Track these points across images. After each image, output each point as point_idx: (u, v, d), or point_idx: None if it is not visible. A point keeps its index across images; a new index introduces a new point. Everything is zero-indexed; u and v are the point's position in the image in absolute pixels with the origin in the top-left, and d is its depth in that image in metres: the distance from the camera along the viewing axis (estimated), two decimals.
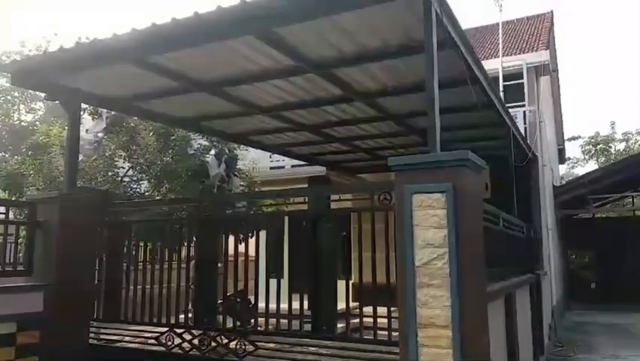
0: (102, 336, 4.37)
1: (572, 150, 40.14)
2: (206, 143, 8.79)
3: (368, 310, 3.53)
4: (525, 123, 10.11)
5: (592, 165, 29.82)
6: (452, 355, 2.74)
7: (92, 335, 4.39)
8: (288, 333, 3.76)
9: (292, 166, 11.61)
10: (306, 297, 4.12)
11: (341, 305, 5.41)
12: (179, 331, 3.98)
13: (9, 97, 31.96)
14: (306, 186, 10.25)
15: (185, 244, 5.01)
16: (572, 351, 8.83)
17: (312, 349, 3.68)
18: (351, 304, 3.95)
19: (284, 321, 3.94)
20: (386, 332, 3.39)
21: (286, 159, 10.66)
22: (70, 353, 4.13)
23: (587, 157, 31.01)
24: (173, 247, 4.76)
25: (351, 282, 4.80)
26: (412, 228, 2.92)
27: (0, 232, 4.12)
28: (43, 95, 5.02)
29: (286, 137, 7.40)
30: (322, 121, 6.37)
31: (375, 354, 3.27)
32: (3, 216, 4.59)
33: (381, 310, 3.48)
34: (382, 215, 3.56)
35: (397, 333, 2.96)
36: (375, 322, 3.48)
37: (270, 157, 11.29)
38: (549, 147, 12.68)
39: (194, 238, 4.97)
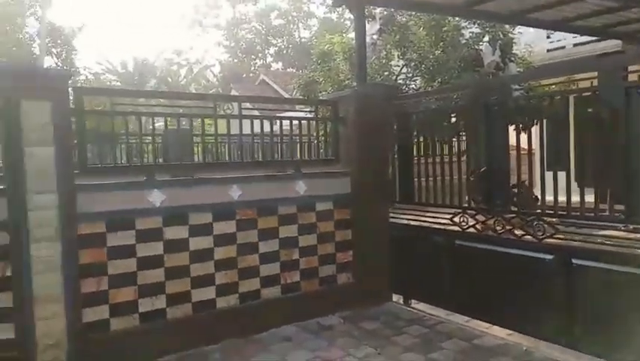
0: (399, 215, 4.87)
1: None
2: (478, 30, 8.39)
3: None
4: None
5: None
6: None
7: (390, 214, 4.93)
8: (594, 217, 3.48)
9: (574, 45, 10.15)
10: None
11: None
12: (472, 212, 4.14)
13: (289, 17, 36.02)
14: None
15: (463, 135, 5.04)
16: None
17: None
18: None
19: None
20: None
21: (567, 36, 9.34)
22: (375, 229, 4.80)
23: None
24: (451, 137, 4.87)
25: None
26: None
27: (304, 128, 4.86)
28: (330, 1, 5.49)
29: (570, 8, 6.42)
30: None
31: None
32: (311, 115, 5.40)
33: None
34: None
35: None
36: None
37: (548, 37, 10.07)
38: None
39: (471, 129, 4.93)
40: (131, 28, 63.60)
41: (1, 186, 3.32)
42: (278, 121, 5.08)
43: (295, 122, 4.73)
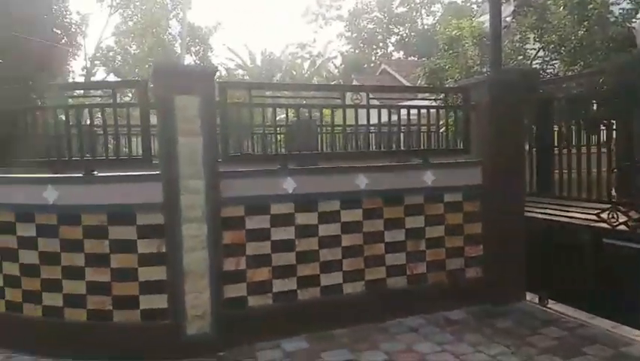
0: (536, 209, 4.56)
1: None
2: (630, 6, 7.47)
3: None
4: None
5: None
6: None
7: (525, 207, 4.63)
8: None
9: None
10: None
11: None
12: (623, 209, 3.74)
13: (412, 4, 35.25)
14: None
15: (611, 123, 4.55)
16: None
17: None
18: None
19: None
20: None
21: None
22: (508, 222, 4.54)
23: None
24: (598, 125, 4.41)
25: None
26: None
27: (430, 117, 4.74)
28: None
29: None
30: None
31: None
32: (434, 103, 5.27)
33: None
34: None
35: None
36: None
37: None
38: None
39: (622, 116, 4.42)
40: (259, 25, 67.08)
41: (157, 172, 3.73)
42: (400, 110, 5.01)
43: (421, 110, 4.64)
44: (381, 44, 36.96)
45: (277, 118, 4.69)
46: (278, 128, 5.13)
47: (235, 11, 65.22)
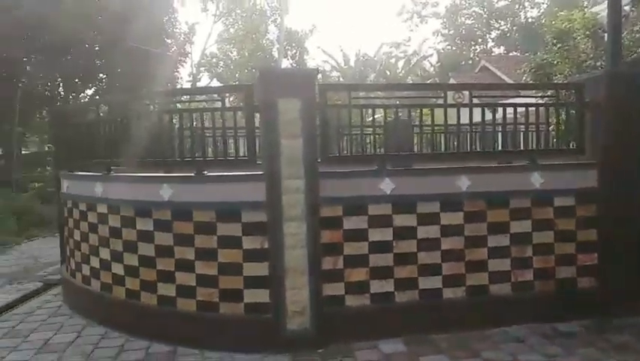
0: None
1: None
2: None
3: None
4: None
5: None
6: None
7: None
8: None
9: None
10: None
11: None
12: None
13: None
14: None
15: None
16: None
17: None
18: None
19: None
20: None
21: None
22: (628, 230, 4.16)
23: None
24: None
25: None
26: None
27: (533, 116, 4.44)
28: None
29: None
30: None
31: None
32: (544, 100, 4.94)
33: None
34: None
35: None
36: None
37: None
38: None
39: None
40: (353, 26, 67.49)
41: (261, 172, 3.89)
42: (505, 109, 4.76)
43: (524, 109, 4.37)
44: (480, 40, 35.56)
45: (373, 118, 4.68)
46: (375, 129, 5.11)
47: (330, 13, 66.17)
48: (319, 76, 28.56)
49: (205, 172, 4.03)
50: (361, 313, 3.94)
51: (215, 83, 31.44)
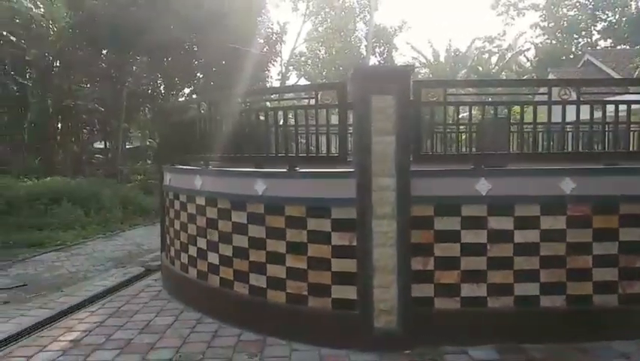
0: None
1: None
2: None
3: None
4: None
5: None
6: None
7: None
8: None
9: None
10: None
11: None
12: None
13: None
14: None
15: None
16: None
17: None
18: None
19: None
20: None
21: None
22: None
23: None
24: None
25: None
26: None
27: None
28: None
29: None
30: None
31: None
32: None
33: None
34: None
35: None
36: None
37: None
38: None
39: None
40: (445, 21, 65.64)
41: (351, 169, 3.89)
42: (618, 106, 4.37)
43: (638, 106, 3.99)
44: (583, 33, 33.06)
45: (466, 116, 4.50)
46: (470, 127, 4.92)
47: (420, 8, 64.84)
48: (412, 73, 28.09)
49: (297, 168, 4.11)
50: (451, 316, 3.82)
51: (303, 82, 32.02)
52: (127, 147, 22.13)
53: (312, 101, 4.24)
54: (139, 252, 7.85)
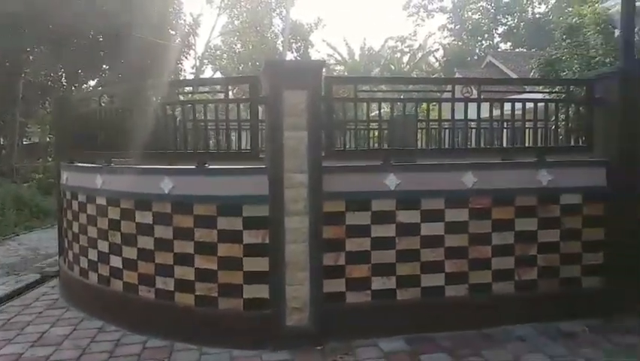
0: None
1: None
2: None
3: None
4: None
5: None
6: None
7: None
8: None
9: None
10: None
11: None
12: None
13: None
14: None
15: None
16: None
17: None
18: None
19: None
20: None
21: None
22: (635, 229, 4.07)
23: None
24: None
25: None
26: None
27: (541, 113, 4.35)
28: None
29: None
30: None
31: None
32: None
33: None
34: None
35: None
36: None
37: None
38: None
39: None
40: (359, 20, 67.17)
41: (263, 166, 3.81)
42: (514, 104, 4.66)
43: (530, 105, 4.27)
44: (486, 35, 35.29)
45: (380, 112, 4.57)
46: (381, 124, 5.02)
47: (336, 6, 65.85)
48: (324, 69, 28.47)
49: (207, 165, 3.95)
50: (362, 310, 3.87)
51: (219, 76, 31.31)
52: (24, 142, 20.40)
53: (224, 96, 4.09)
54: (34, 257, 7.21)
